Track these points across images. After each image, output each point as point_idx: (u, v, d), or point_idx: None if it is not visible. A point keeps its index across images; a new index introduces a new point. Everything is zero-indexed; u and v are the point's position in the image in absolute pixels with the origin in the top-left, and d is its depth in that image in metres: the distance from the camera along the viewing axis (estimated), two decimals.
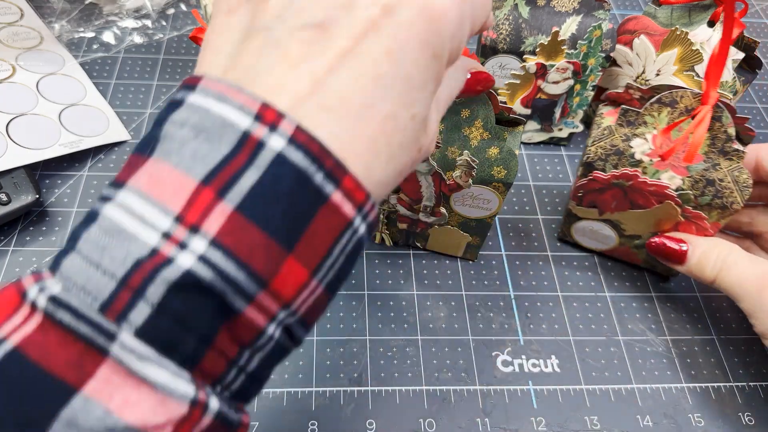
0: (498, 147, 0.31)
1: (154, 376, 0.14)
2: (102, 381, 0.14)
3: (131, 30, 0.50)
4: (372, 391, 0.33)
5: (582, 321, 0.37)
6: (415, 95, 0.17)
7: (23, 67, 0.43)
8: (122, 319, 0.14)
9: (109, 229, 0.15)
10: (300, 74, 0.16)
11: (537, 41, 0.39)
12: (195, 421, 0.15)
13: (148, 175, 0.15)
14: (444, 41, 0.17)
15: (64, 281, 0.15)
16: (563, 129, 0.44)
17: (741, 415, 0.34)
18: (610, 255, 0.39)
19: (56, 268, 0.15)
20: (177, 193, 0.15)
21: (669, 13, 0.38)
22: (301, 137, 0.15)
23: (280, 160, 0.15)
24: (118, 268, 0.14)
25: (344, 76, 0.16)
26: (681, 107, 0.32)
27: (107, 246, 0.15)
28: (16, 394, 0.14)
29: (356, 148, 0.16)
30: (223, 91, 0.16)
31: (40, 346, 0.14)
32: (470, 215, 0.35)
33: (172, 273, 0.14)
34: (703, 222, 0.33)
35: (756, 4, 0.59)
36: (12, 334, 0.14)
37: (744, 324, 0.37)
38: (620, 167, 0.33)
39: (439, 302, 0.37)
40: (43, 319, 0.14)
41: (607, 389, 0.34)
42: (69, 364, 0.14)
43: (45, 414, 0.14)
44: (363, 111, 0.16)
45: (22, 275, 0.35)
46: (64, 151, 0.40)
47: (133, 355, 0.14)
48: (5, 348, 0.14)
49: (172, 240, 0.14)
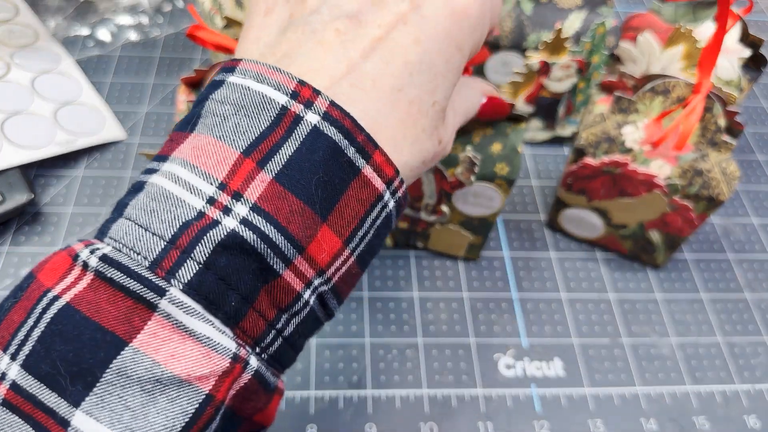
0: (501, 143, 0.31)
1: (200, 329, 0.15)
2: (150, 335, 0.15)
3: (127, 27, 0.49)
4: (372, 395, 0.32)
5: (586, 323, 0.36)
6: (438, 83, 0.19)
7: (18, 65, 0.42)
8: (171, 275, 0.15)
9: (157, 195, 0.16)
10: (336, 58, 0.18)
11: (540, 38, 0.38)
12: (236, 376, 0.16)
13: (192, 147, 0.17)
14: (465, 35, 0.19)
15: (114, 243, 0.16)
16: (567, 127, 0.44)
17: (746, 418, 0.33)
18: (597, 243, 0.39)
19: (104, 234, 0.16)
20: (220, 162, 0.16)
21: (674, 10, 0.38)
22: (334, 113, 0.17)
23: (315, 133, 0.16)
24: (167, 230, 0.15)
25: (377, 61, 0.18)
26: (673, 97, 0.32)
27: (155, 210, 0.16)
28: (71, 346, 0.14)
29: (386, 127, 0.18)
30: (262, 71, 0.17)
31: (91, 302, 0.15)
32: (472, 213, 0.34)
33: (217, 234, 0.15)
34: (689, 213, 0.33)
35: (761, 2, 0.59)
36: (65, 292, 0.15)
37: (750, 326, 0.37)
38: (611, 154, 0.33)
39: (439, 304, 0.36)
40: (93, 278, 0.15)
41: (611, 392, 0.33)
42: (119, 319, 0.15)
43: (97, 364, 0.14)
44: (393, 94, 0.18)
45: (20, 271, 0.35)
46: (60, 150, 0.39)
47: (181, 309, 0.15)
48: (58, 305, 0.15)
49: (217, 205, 0.16)
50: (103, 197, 0.39)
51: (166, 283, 0.15)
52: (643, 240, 0.37)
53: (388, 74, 0.18)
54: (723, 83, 0.35)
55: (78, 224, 0.38)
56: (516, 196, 0.42)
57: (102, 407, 0.14)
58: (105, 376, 0.14)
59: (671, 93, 0.32)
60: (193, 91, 0.31)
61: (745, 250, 0.40)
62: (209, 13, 0.35)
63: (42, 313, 0.15)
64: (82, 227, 0.38)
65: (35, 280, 0.16)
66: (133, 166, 0.41)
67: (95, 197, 0.39)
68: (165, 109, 0.44)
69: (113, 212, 0.17)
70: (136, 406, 0.14)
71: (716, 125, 0.32)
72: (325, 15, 0.18)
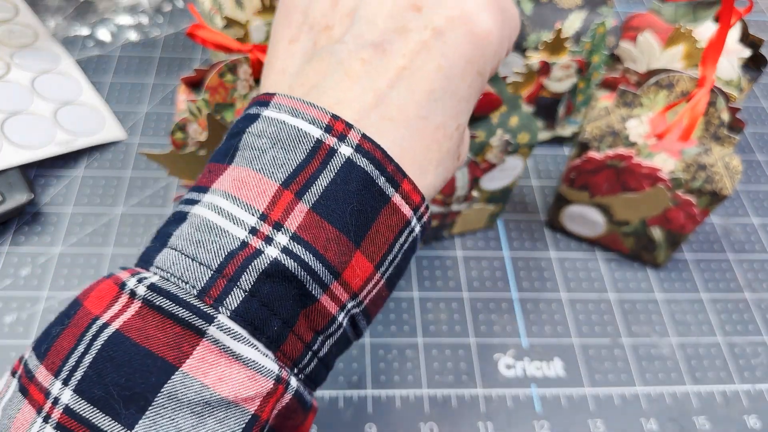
0: (517, 115, 0.32)
1: (246, 353, 0.16)
2: (198, 359, 0.15)
3: (127, 27, 0.49)
4: (372, 395, 0.32)
5: (586, 323, 0.36)
6: (461, 107, 0.19)
7: (18, 65, 0.42)
8: (219, 303, 0.16)
9: (201, 226, 0.17)
10: (363, 88, 0.18)
11: (540, 38, 0.38)
12: (278, 396, 0.17)
13: (233, 179, 0.17)
14: (487, 60, 0.19)
15: (161, 272, 0.16)
16: (567, 127, 0.44)
17: (746, 418, 0.33)
18: (598, 243, 0.39)
19: (148, 263, 0.17)
20: (261, 194, 0.17)
21: (674, 10, 0.38)
22: (366, 145, 0.17)
23: (349, 165, 0.17)
24: (213, 259, 0.16)
25: (402, 90, 0.18)
26: (678, 91, 0.32)
27: (201, 240, 0.16)
28: (123, 371, 0.15)
29: (413, 155, 0.19)
30: (296, 106, 0.18)
31: (141, 329, 0.15)
32: (498, 187, 0.36)
33: (261, 262, 0.16)
34: (692, 208, 0.33)
35: (761, 2, 0.59)
36: (113, 319, 0.16)
37: (750, 326, 0.37)
38: (615, 148, 0.33)
39: (439, 304, 0.36)
40: (141, 305, 0.16)
41: (611, 392, 0.33)
42: (168, 345, 0.15)
43: (149, 389, 0.15)
44: (419, 122, 0.18)
45: (20, 271, 0.35)
46: (60, 150, 0.39)
47: (228, 335, 0.16)
48: (108, 332, 0.15)
49: (259, 235, 0.16)
50: (102, 197, 0.39)
51: (215, 311, 0.16)
52: (645, 237, 0.37)
53: (413, 102, 0.18)
54: (723, 83, 0.35)
55: (78, 224, 0.38)
56: (516, 196, 0.42)
57: (155, 430, 0.15)
58: (157, 400, 0.15)
59: (675, 87, 0.32)
60: (193, 91, 0.31)
61: (745, 250, 0.40)
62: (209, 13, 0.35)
63: (92, 340, 0.15)
64: (81, 227, 0.38)
65: (82, 307, 0.17)
66: (133, 165, 0.41)
67: (95, 197, 0.39)
68: (165, 109, 0.44)
69: (154, 241, 0.18)
70: (187, 428, 0.15)
71: (720, 119, 0.32)
72: (351, 44, 0.19)
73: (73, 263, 0.36)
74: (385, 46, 0.18)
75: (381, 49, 0.18)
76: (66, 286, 0.35)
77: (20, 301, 0.34)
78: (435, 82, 0.18)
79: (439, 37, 0.18)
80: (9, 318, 0.34)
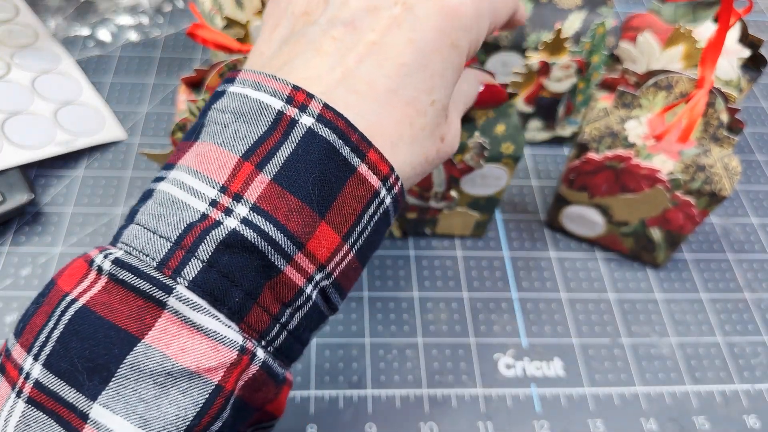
0: (504, 124, 0.31)
1: (207, 324, 0.16)
2: (160, 331, 0.16)
3: (127, 28, 0.49)
4: (372, 395, 0.32)
5: (586, 323, 0.36)
6: (435, 82, 0.19)
7: (18, 65, 0.42)
8: (177, 274, 0.16)
9: (164, 200, 0.17)
10: (332, 64, 0.18)
11: (540, 38, 0.38)
12: (243, 367, 0.17)
13: (196, 155, 0.17)
14: (460, 32, 0.19)
15: (125, 247, 0.17)
16: (567, 127, 0.44)
17: (746, 417, 0.33)
18: (597, 243, 0.39)
19: (117, 240, 0.17)
20: (221, 167, 0.17)
21: (673, 10, 0.38)
22: (328, 114, 0.17)
23: (310, 134, 0.17)
24: (173, 232, 0.16)
25: (371, 64, 0.18)
26: (677, 92, 0.32)
27: (162, 214, 0.17)
28: (87, 344, 0.15)
29: (382, 128, 0.18)
30: (259, 80, 0.18)
31: (106, 303, 0.16)
32: (480, 194, 0.35)
33: (219, 233, 0.16)
34: (690, 209, 0.33)
35: (761, 2, 0.59)
36: (81, 295, 0.16)
37: (749, 326, 0.37)
38: (614, 149, 0.33)
39: (440, 304, 0.36)
40: (107, 281, 0.16)
41: (611, 392, 0.33)
42: (131, 317, 0.16)
43: (112, 360, 0.15)
44: (388, 95, 0.18)
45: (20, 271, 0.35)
46: (60, 150, 0.39)
47: (188, 305, 0.16)
48: (75, 307, 0.16)
49: (219, 207, 0.16)
50: (103, 197, 0.39)
51: (173, 281, 0.16)
52: (644, 238, 0.37)
53: (382, 76, 0.18)
54: (723, 83, 0.35)
55: (78, 224, 0.38)
56: (516, 196, 0.42)
57: (117, 400, 0.15)
58: (120, 371, 0.15)
59: (674, 88, 0.32)
60: (193, 91, 0.31)
61: (745, 250, 0.40)
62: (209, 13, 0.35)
63: (61, 316, 0.16)
64: (82, 227, 0.38)
65: (55, 285, 0.17)
66: (133, 166, 0.41)
67: (95, 197, 0.39)
68: (165, 109, 0.44)
69: (126, 219, 0.18)
70: (149, 398, 0.15)
71: (719, 120, 0.32)
72: (323, 25, 0.19)
73: None
74: (356, 23, 0.19)
75: (352, 26, 0.19)
76: None
77: (20, 301, 0.34)
78: (405, 56, 0.18)
79: (410, 11, 0.19)
80: (9, 318, 0.34)
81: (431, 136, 0.20)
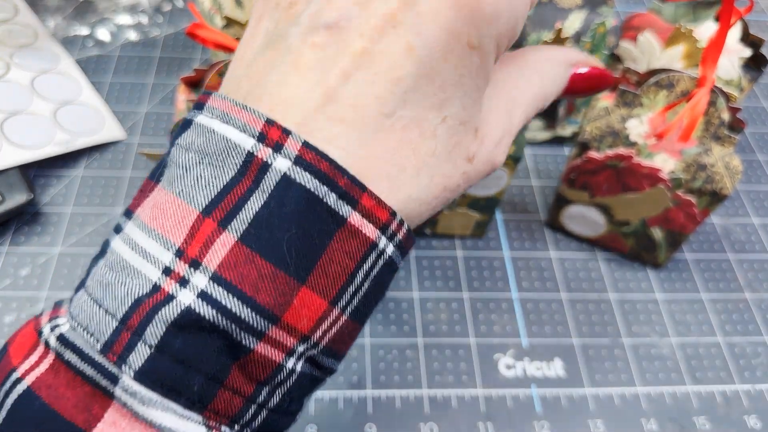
0: None
1: (159, 419, 0.14)
2: (110, 424, 0.14)
3: (127, 27, 0.49)
4: (372, 395, 0.32)
5: (586, 323, 0.36)
6: (447, 94, 0.15)
7: (18, 65, 0.42)
8: (122, 361, 0.14)
9: (114, 263, 0.15)
10: (311, 84, 0.15)
11: (540, 38, 0.38)
12: None
13: (152, 206, 0.15)
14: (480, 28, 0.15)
15: (71, 320, 0.14)
16: (567, 127, 0.44)
17: (747, 418, 0.33)
18: (598, 243, 0.39)
19: (71, 302, 0.15)
20: (178, 224, 0.14)
21: (674, 10, 0.38)
22: (308, 155, 0.14)
23: (285, 182, 0.14)
24: (119, 307, 0.14)
25: (359, 82, 0.15)
26: (678, 91, 0.32)
27: (110, 283, 0.14)
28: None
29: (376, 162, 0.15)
30: (227, 110, 0.15)
31: (51, 387, 0.14)
32: (481, 194, 0.35)
33: (170, 312, 0.14)
34: (692, 208, 0.33)
35: (761, 2, 0.59)
36: (27, 373, 0.14)
37: (750, 326, 0.37)
38: (615, 148, 0.33)
39: (440, 304, 0.36)
40: (54, 359, 0.14)
41: (611, 392, 0.33)
42: (78, 407, 0.14)
43: None
44: (380, 120, 0.15)
45: (20, 271, 0.35)
46: (60, 150, 0.39)
47: (135, 398, 0.14)
48: (19, 389, 0.14)
49: (173, 276, 0.14)
50: (102, 197, 0.39)
51: (118, 370, 0.14)
52: (645, 238, 0.37)
53: (372, 97, 0.15)
54: (723, 83, 0.35)
55: (78, 224, 0.38)
56: (516, 196, 0.42)
57: None
58: None
59: (675, 87, 0.32)
60: (192, 91, 0.31)
61: (746, 250, 0.40)
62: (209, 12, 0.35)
63: (5, 398, 0.14)
64: (81, 227, 0.38)
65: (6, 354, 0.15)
66: (132, 165, 0.41)
67: (95, 197, 0.39)
68: (165, 109, 0.44)
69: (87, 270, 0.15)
70: None
71: (720, 119, 0.32)
72: (304, 26, 0.15)
73: (73, 263, 0.36)
74: (342, 25, 0.15)
75: (336, 29, 0.15)
76: (66, 287, 0.35)
77: (20, 301, 0.34)
78: (403, 67, 0.15)
79: (410, 6, 0.14)
80: (9, 318, 0.33)
81: (448, 159, 0.16)
